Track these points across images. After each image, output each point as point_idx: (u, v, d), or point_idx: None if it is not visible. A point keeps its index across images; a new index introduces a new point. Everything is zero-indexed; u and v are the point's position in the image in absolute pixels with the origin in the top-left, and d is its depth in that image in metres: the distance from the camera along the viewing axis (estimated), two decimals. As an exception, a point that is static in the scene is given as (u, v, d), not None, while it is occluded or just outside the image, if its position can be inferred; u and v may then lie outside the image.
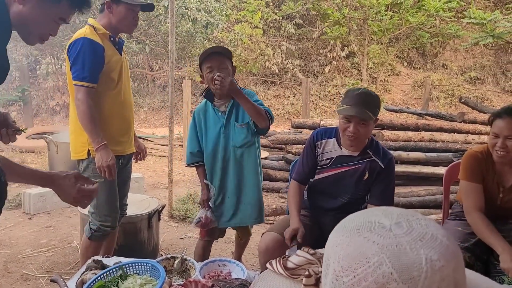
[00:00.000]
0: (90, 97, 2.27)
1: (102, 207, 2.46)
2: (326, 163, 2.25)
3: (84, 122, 2.27)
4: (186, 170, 6.05)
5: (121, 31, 2.46)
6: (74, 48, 2.27)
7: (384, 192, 2.18)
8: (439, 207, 4.09)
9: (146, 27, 8.80)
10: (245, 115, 2.49)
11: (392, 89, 13.93)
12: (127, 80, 2.55)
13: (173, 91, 4.06)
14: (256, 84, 13.45)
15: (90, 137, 2.29)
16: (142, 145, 2.89)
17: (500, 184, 2.13)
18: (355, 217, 0.77)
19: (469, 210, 2.10)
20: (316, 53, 14.17)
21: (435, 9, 11.49)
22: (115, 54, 2.42)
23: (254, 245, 3.57)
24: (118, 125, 2.48)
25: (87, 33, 2.28)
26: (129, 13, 2.38)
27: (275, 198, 5.08)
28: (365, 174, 2.17)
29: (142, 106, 12.65)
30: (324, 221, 2.31)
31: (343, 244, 0.71)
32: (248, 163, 2.56)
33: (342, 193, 2.24)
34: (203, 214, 2.59)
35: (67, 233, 3.78)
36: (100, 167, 2.29)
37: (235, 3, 13.42)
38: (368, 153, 2.18)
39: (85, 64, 2.25)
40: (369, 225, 0.71)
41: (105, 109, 2.39)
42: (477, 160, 2.14)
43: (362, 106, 2.01)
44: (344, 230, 0.74)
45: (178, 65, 11.69)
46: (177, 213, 4.24)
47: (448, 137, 5.58)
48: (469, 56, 15.14)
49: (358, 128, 2.04)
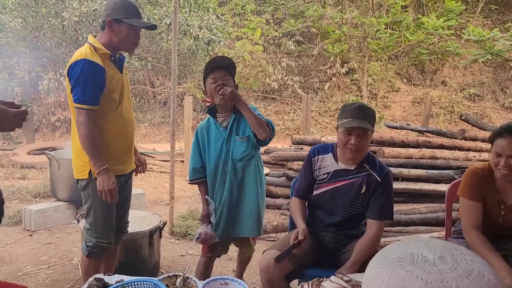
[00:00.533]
0: (91, 119, 2.25)
1: (98, 224, 2.43)
2: (323, 178, 2.28)
3: (86, 146, 2.25)
4: (187, 186, 6.04)
5: (121, 50, 2.43)
6: (75, 71, 2.23)
7: (383, 207, 2.17)
8: (441, 225, 4.07)
9: (149, 44, 8.89)
10: (246, 129, 2.52)
11: (392, 105, 14.00)
12: (127, 97, 2.52)
13: (174, 107, 4.08)
14: (256, 100, 13.52)
15: (92, 161, 2.26)
16: (142, 158, 2.86)
17: (502, 202, 2.12)
18: (395, 248, 0.74)
19: (466, 228, 2.11)
20: (316, 70, 14.29)
21: (434, 27, 11.64)
22: (116, 73, 2.39)
23: (255, 263, 3.54)
24: (120, 144, 2.45)
25: (87, 54, 2.24)
26: (130, 33, 2.34)
27: (276, 214, 5.06)
28: (362, 187, 2.18)
29: (143, 121, 12.70)
30: (324, 239, 2.32)
31: (384, 277, 0.68)
32: (248, 176, 2.57)
33: (340, 207, 2.25)
34: (203, 229, 2.59)
35: (67, 250, 3.76)
36: (102, 191, 2.27)
37: (236, 21, 13.59)
38: (365, 167, 2.20)
39: (86, 87, 2.22)
40: (412, 257, 0.69)
41: (108, 130, 2.37)
42: (478, 178, 2.14)
43: (362, 118, 2.08)
44: (385, 261, 0.72)
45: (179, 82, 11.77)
46: (178, 230, 4.22)
47: (449, 154, 5.58)
48: (468, 73, 15.26)
49: (359, 140, 2.10)
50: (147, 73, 10.58)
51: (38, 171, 6.87)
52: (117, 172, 2.41)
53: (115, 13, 2.29)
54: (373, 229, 2.15)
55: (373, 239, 2.12)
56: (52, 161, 4.35)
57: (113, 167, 2.35)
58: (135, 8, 2.39)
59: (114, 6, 2.30)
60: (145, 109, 13.08)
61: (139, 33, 2.42)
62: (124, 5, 2.31)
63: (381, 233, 2.20)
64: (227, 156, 2.53)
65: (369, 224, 2.18)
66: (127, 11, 2.31)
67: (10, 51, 8.96)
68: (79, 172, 2.39)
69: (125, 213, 2.71)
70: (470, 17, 14.45)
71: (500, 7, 15.46)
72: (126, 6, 2.32)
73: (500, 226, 2.14)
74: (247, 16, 13.76)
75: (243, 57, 10.81)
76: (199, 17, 8.37)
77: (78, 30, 7.50)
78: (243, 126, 2.53)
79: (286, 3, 14.20)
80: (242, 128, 2.54)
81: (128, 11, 2.31)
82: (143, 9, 7.68)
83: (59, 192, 4.44)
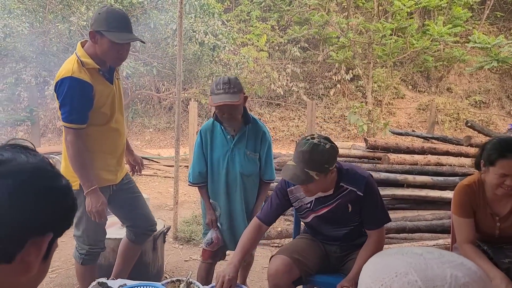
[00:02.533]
0: (79, 138, 2.19)
1: (90, 232, 2.41)
2: (307, 207, 2.19)
3: (74, 166, 2.20)
4: (191, 191, 6.03)
5: (107, 62, 2.27)
6: (62, 89, 2.13)
7: (376, 215, 2.12)
8: (446, 232, 4.04)
9: (154, 50, 8.93)
10: (256, 146, 2.50)
11: (397, 112, 13.97)
12: (119, 107, 2.41)
13: (179, 112, 4.09)
14: (261, 106, 13.54)
15: (80, 180, 2.21)
16: (139, 158, 2.76)
17: (495, 214, 2.12)
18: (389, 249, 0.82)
19: (460, 244, 2.12)
20: (321, 76, 14.29)
21: (440, 33, 11.62)
22: (106, 87, 2.27)
23: (259, 268, 3.53)
24: (111, 155, 2.40)
25: (74, 71, 2.12)
26: (113, 46, 2.16)
27: (280, 220, 5.04)
28: (348, 207, 2.11)
29: (148, 127, 12.74)
30: (330, 249, 2.31)
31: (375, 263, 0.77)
32: (251, 190, 2.58)
33: (337, 229, 2.21)
34: (213, 234, 2.57)
35: (71, 254, 3.73)
36: (90, 212, 2.24)
37: (241, 27, 13.65)
38: (342, 186, 2.09)
39: (73, 106, 2.14)
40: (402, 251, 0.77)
41: (98, 142, 2.31)
42: (468, 195, 2.12)
43: (303, 165, 1.91)
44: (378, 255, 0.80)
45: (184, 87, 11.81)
46: (182, 235, 4.21)
47: (455, 161, 5.54)
48: (473, 80, 15.21)
49: (307, 189, 2.01)
50: (152, 78, 10.63)
51: (43, 175, 6.89)
52: (108, 182, 2.39)
53: (97, 25, 2.14)
54: (373, 237, 2.13)
55: (375, 246, 2.09)
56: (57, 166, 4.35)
57: (103, 177, 2.32)
58: (121, 20, 2.19)
59: (98, 17, 2.15)
60: (150, 114, 13.12)
61: (126, 46, 2.24)
62: (107, 17, 2.14)
63: (383, 238, 2.17)
64: (230, 168, 2.49)
65: (369, 234, 2.15)
66: (110, 24, 2.13)
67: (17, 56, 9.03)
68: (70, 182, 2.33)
69: (140, 214, 2.63)
70: (476, 24, 14.43)
71: (506, 14, 15.45)
72: (110, 18, 2.14)
73: (499, 237, 2.14)
74: (252, 22, 13.82)
75: (247, 62, 10.84)
76: (205, 22, 8.41)
77: (85, 35, 7.53)
78: (254, 141, 2.50)
79: (291, 10, 14.25)
80: (253, 142, 2.50)
81: (111, 23, 2.14)
82: (149, 15, 7.72)
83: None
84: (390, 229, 4.01)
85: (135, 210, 2.60)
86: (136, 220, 2.61)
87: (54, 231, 0.75)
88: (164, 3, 7.89)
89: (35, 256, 0.71)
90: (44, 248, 0.73)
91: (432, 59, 13.49)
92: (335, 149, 1.97)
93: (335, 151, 1.97)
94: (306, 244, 2.30)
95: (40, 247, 0.72)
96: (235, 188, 2.51)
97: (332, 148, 1.95)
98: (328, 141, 1.96)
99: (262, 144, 2.53)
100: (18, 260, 0.69)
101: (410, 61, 13.49)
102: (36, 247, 0.71)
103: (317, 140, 1.94)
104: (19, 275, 0.70)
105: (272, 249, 4.00)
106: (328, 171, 1.94)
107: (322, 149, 1.91)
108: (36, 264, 0.72)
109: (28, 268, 0.71)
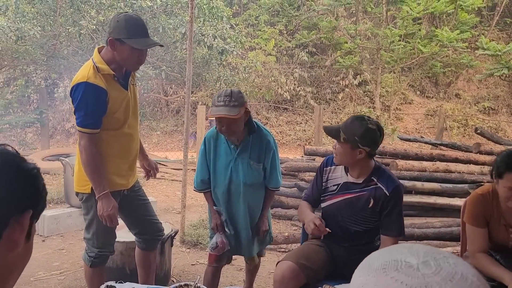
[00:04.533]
0: (93, 143, 2.22)
1: (100, 235, 2.42)
2: (333, 190, 2.28)
3: (87, 171, 2.22)
4: (199, 195, 6.03)
5: (125, 68, 2.32)
6: (77, 94, 2.18)
7: (395, 223, 2.15)
8: (455, 239, 4.01)
9: (163, 53, 8.99)
10: (260, 155, 2.51)
11: (405, 117, 13.91)
12: (134, 112, 2.44)
13: (188, 116, 4.10)
14: (268, 110, 13.55)
15: (93, 185, 2.24)
16: (153, 163, 2.78)
17: (508, 225, 2.10)
18: (379, 255, 0.75)
19: (473, 254, 2.11)
20: (328, 81, 14.28)
21: (448, 39, 11.57)
22: (120, 93, 2.30)
23: (266, 274, 3.52)
24: (123, 160, 2.42)
25: (90, 76, 2.17)
26: (133, 53, 2.21)
27: (287, 225, 5.03)
28: (370, 201, 2.15)
29: (155, 129, 12.80)
30: (338, 254, 2.30)
31: (369, 284, 0.69)
32: (256, 200, 2.59)
33: (351, 221, 2.23)
34: (219, 238, 2.58)
35: (79, 256, 3.76)
36: (101, 216, 2.25)
37: (249, 31, 13.69)
38: (372, 180, 2.18)
39: (88, 111, 2.18)
40: (395, 263, 0.70)
41: (111, 147, 2.33)
42: (481, 204, 2.11)
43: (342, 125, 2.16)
44: (370, 269, 0.73)
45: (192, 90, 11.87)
46: (189, 239, 4.22)
47: (464, 168, 5.51)
48: (482, 86, 15.11)
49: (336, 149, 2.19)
50: (160, 81, 10.69)
51: (52, 177, 6.94)
52: (120, 186, 2.40)
53: (117, 33, 2.18)
54: (387, 245, 2.12)
55: None
56: (67, 168, 4.39)
57: (115, 181, 2.34)
58: (140, 26, 2.24)
59: (116, 25, 2.18)
60: (158, 117, 13.19)
61: (145, 52, 2.29)
62: (126, 24, 2.18)
63: None
64: (233, 177, 2.50)
65: (383, 240, 2.16)
66: (130, 31, 2.17)
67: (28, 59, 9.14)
68: (81, 185, 2.36)
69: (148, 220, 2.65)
70: (485, 30, 14.35)
71: (516, 20, 15.35)
72: (129, 25, 2.18)
73: None
74: (260, 26, 13.86)
75: (255, 67, 10.87)
76: (213, 26, 8.45)
77: (95, 38, 7.63)
78: (258, 150, 2.50)
79: (299, 15, 14.27)
80: (256, 152, 2.50)
81: (131, 31, 2.18)
82: (158, 19, 7.78)
83: (73, 198, 4.48)
84: (398, 236, 3.99)
85: (143, 216, 2.62)
86: (143, 226, 2.63)
87: (33, 207, 0.82)
88: (173, 7, 7.94)
89: (19, 232, 0.78)
90: (26, 225, 0.79)
91: (440, 65, 13.43)
92: (374, 133, 2.08)
93: (372, 135, 2.08)
94: (313, 250, 2.29)
95: (22, 223, 0.79)
96: (238, 197, 2.52)
97: (372, 131, 2.07)
98: (374, 124, 2.09)
99: (267, 153, 2.52)
100: (5, 238, 0.76)
101: (418, 67, 13.44)
102: (19, 224, 0.78)
103: (367, 117, 2.12)
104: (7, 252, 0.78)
105: (279, 254, 4.00)
106: (356, 144, 2.07)
107: (362, 124, 2.07)
108: (21, 240, 0.79)
109: (14, 245, 0.78)
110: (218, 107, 2.31)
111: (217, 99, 2.34)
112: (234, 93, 2.34)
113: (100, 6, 7.43)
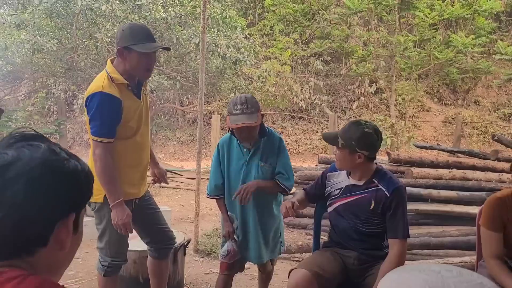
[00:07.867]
0: (108, 152, 2.23)
1: (113, 244, 2.44)
2: (336, 194, 2.31)
3: (101, 180, 2.23)
4: (213, 204, 6.05)
5: (136, 76, 2.35)
6: (92, 104, 2.21)
7: (400, 224, 2.12)
8: (472, 248, 3.91)
9: (178, 64, 9.10)
10: (272, 157, 2.52)
11: (422, 125, 13.74)
12: (146, 121, 2.47)
13: (201, 125, 4.13)
14: (284, 119, 13.55)
15: (107, 194, 2.26)
16: (163, 170, 2.78)
17: None
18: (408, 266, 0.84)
19: (487, 258, 2.07)
20: (344, 89, 14.23)
21: (464, 45, 11.41)
22: (134, 102, 2.34)
23: (279, 283, 3.50)
24: (135, 169, 2.43)
25: (105, 86, 2.21)
26: (142, 58, 2.24)
27: (301, 234, 5.00)
28: (371, 203, 2.16)
29: (172, 139, 12.92)
30: (348, 261, 2.29)
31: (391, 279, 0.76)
32: (267, 204, 2.59)
33: (355, 224, 2.23)
34: (230, 246, 2.58)
35: (94, 265, 3.80)
36: (116, 225, 2.27)
37: (264, 41, 13.76)
38: (373, 182, 2.19)
39: (103, 121, 2.21)
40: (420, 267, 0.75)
41: (123, 156, 2.34)
42: (499, 208, 2.06)
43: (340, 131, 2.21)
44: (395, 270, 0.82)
45: (207, 100, 11.95)
46: (202, 248, 4.22)
47: (482, 176, 5.39)
48: (502, 92, 14.84)
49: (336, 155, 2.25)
50: (176, 92, 10.80)
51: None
52: (131, 196, 2.41)
53: (124, 41, 2.22)
54: (395, 249, 2.11)
55: (397, 260, 2.07)
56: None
57: (127, 191, 2.35)
58: (145, 32, 2.30)
59: (122, 34, 2.24)
60: (174, 127, 13.32)
61: (153, 56, 2.33)
62: (132, 31, 2.24)
63: (405, 252, 2.14)
64: (246, 179, 2.52)
65: (391, 244, 2.14)
66: (135, 37, 2.22)
67: (48, 71, 9.36)
68: (94, 195, 2.31)
69: (159, 229, 2.67)
70: (504, 35, 14.13)
71: (535, 25, 15.09)
72: (134, 32, 2.24)
73: None
74: (275, 36, 13.92)
75: (269, 77, 10.90)
76: (227, 36, 8.52)
77: (111, 50, 7.76)
78: (268, 153, 2.52)
79: (312, 25, 14.30)
80: (267, 154, 2.53)
81: (136, 37, 2.23)
82: (172, 30, 7.88)
83: (88, 208, 4.53)
84: (414, 245, 3.92)
85: (154, 225, 2.63)
86: (154, 235, 2.64)
87: (76, 208, 0.85)
88: (187, 18, 8.04)
89: (65, 234, 0.82)
90: (71, 226, 0.83)
91: (456, 71, 13.25)
92: (371, 137, 2.12)
93: (369, 138, 2.12)
94: (326, 258, 2.28)
95: (67, 225, 0.82)
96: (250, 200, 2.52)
97: (368, 135, 2.11)
98: (371, 128, 2.13)
99: (279, 154, 2.55)
100: (52, 241, 0.80)
101: (435, 74, 13.30)
102: (64, 226, 0.81)
103: (363, 122, 2.17)
104: (56, 253, 0.82)
105: (293, 263, 3.97)
106: (353, 149, 2.11)
107: (358, 129, 2.12)
108: (68, 240, 0.83)
109: (62, 246, 0.82)
110: (237, 116, 2.34)
111: (233, 107, 2.36)
112: (249, 99, 2.37)
113: (115, 18, 7.57)
